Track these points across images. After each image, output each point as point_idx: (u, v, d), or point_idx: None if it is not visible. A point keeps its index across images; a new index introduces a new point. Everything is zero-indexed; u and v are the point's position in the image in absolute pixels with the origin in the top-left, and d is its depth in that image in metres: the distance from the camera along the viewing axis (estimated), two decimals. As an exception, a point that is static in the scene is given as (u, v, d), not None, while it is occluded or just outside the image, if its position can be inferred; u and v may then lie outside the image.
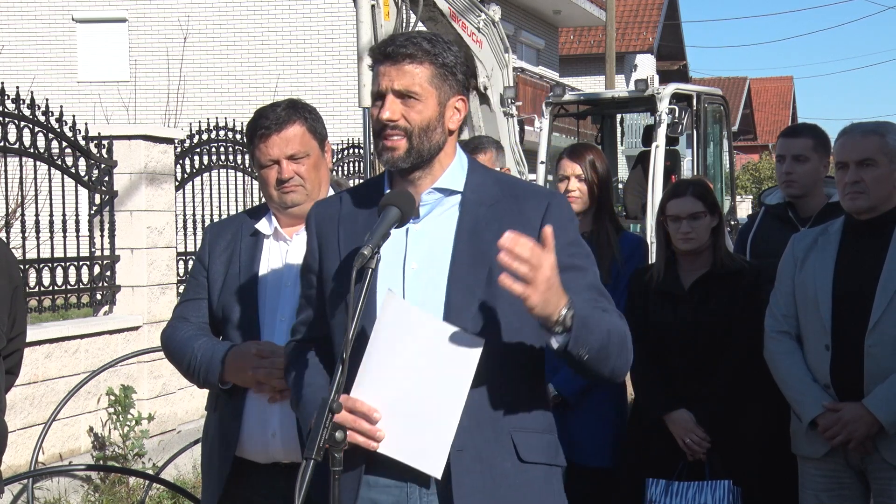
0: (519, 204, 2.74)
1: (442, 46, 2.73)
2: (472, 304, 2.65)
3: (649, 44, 36.23)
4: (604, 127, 14.71)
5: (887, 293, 3.78)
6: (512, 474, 2.68)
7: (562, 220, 2.72)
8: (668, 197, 4.41)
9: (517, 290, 2.42)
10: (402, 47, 2.69)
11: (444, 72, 2.71)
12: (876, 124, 3.94)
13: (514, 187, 2.80)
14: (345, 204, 2.83)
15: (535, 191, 2.82)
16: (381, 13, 8.86)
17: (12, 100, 6.96)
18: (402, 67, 2.68)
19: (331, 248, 2.80)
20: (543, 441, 2.76)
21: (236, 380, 3.26)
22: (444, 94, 2.72)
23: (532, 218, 2.71)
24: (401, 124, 2.68)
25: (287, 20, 22.77)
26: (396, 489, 2.68)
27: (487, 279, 2.65)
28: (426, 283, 2.68)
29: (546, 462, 2.76)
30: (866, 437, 3.77)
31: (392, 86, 2.68)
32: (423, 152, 2.70)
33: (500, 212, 2.72)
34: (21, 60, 22.46)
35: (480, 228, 2.70)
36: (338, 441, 2.49)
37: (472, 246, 2.69)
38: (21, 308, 3.52)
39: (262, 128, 3.31)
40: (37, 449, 6.67)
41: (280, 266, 3.34)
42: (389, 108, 2.68)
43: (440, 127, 2.72)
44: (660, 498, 4.16)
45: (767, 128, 53.10)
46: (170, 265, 8.19)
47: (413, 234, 2.74)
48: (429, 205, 2.76)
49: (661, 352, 4.25)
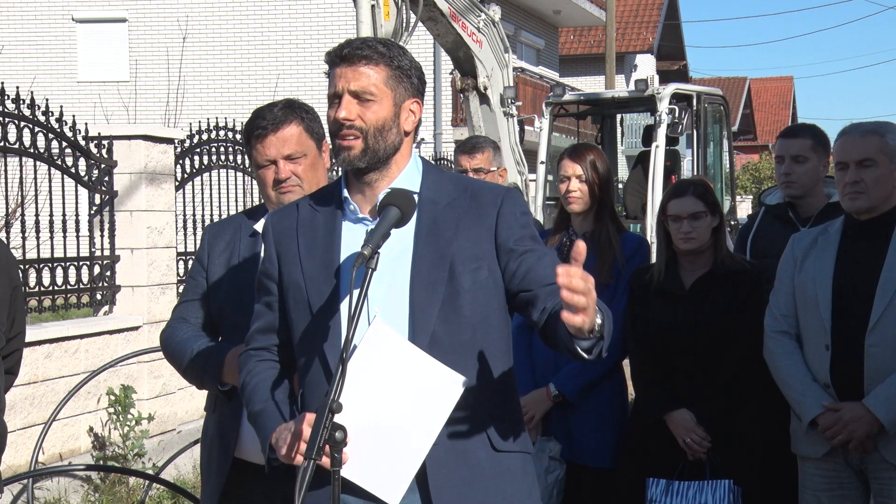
0: (475, 201, 2.79)
1: (397, 50, 2.78)
2: (435, 301, 2.69)
3: (649, 44, 36.22)
4: (604, 127, 14.70)
5: (887, 293, 3.77)
6: (487, 464, 2.71)
7: (516, 214, 2.79)
8: (668, 197, 4.41)
9: (577, 322, 2.41)
10: (357, 49, 2.74)
11: (400, 74, 2.76)
12: (876, 124, 3.94)
13: (469, 185, 2.86)
14: (302, 211, 2.86)
15: (489, 188, 2.88)
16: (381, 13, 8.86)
17: (12, 100, 6.96)
18: (358, 69, 2.73)
19: (290, 256, 2.82)
20: (515, 429, 2.80)
21: (235, 381, 3.25)
22: (400, 95, 2.76)
23: (489, 210, 2.77)
24: (356, 124, 2.72)
25: (287, 20, 22.77)
26: None
27: (449, 276, 2.70)
28: (389, 282, 2.71)
29: (519, 450, 2.80)
30: (867, 436, 3.77)
31: (348, 86, 2.73)
32: (378, 152, 2.74)
33: (456, 209, 2.77)
34: (21, 60, 22.47)
35: (439, 227, 2.75)
36: (338, 441, 2.49)
37: (432, 244, 2.73)
38: (20, 308, 3.52)
39: (258, 128, 3.31)
40: (37, 449, 6.67)
41: (279, 266, 3.33)
42: (346, 107, 2.72)
43: (395, 128, 2.76)
44: (660, 498, 4.16)
45: (767, 128, 53.09)
46: (170, 265, 8.19)
47: None
48: None
49: (661, 351, 4.25)
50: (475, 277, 2.72)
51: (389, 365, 2.61)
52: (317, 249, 2.77)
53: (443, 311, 2.69)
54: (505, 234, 2.76)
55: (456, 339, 2.68)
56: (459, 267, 2.71)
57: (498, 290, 2.76)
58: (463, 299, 2.71)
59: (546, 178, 13.26)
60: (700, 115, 13.40)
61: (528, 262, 2.73)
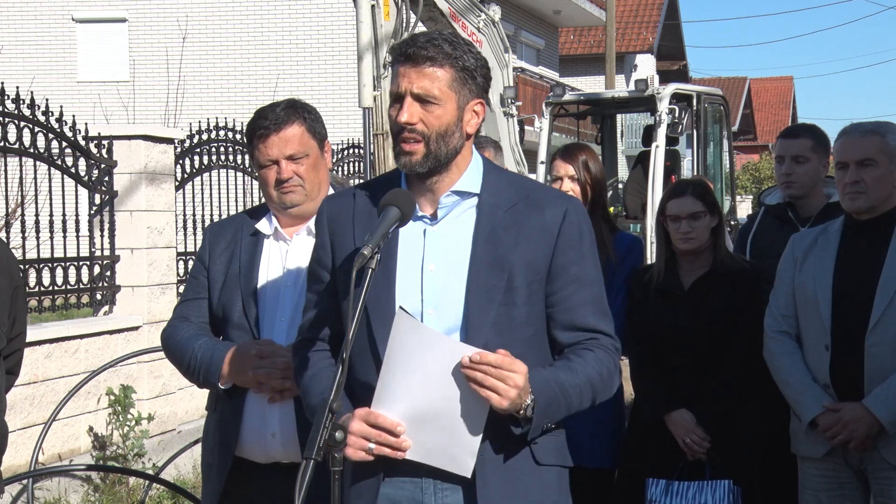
0: (537, 209, 2.72)
1: (463, 49, 2.69)
2: (490, 309, 2.64)
3: (649, 44, 36.23)
4: (604, 127, 14.71)
5: (887, 293, 3.77)
6: (529, 478, 2.70)
7: (582, 227, 2.74)
8: (667, 197, 4.41)
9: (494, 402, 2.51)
10: (423, 49, 2.65)
11: (465, 75, 2.68)
12: (876, 124, 3.94)
13: (531, 191, 2.78)
14: (359, 200, 2.80)
15: (552, 196, 2.80)
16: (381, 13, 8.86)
17: (12, 100, 6.96)
18: (423, 70, 2.65)
19: (345, 245, 2.77)
20: (557, 443, 2.79)
21: (236, 380, 3.26)
22: (464, 97, 2.69)
23: (550, 224, 2.71)
24: (418, 128, 2.66)
25: (287, 20, 22.77)
26: (411, 484, 2.69)
27: (507, 286, 2.65)
28: (444, 285, 2.67)
29: (559, 464, 2.79)
30: (867, 437, 3.76)
31: (411, 88, 2.65)
32: (440, 157, 2.68)
33: (517, 216, 2.71)
34: (21, 60, 22.46)
35: (498, 233, 2.69)
36: (338, 441, 2.49)
37: (490, 250, 2.68)
38: (21, 308, 3.52)
39: (261, 128, 3.31)
40: (37, 449, 6.67)
41: (280, 266, 3.34)
42: (408, 111, 2.65)
43: (458, 131, 2.70)
44: (660, 498, 4.16)
45: (767, 128, 53.09)
46: (170, 265, 8.19)
47: (431, 236, 2.72)
48: (446, 207, 2.74)
49: (660, 352, 4.25)
50: (531, 291, 2.69)
51: (422, 355, 2.56)
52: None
53: (497, 322, 2.65)
54: (562, 252, 2.71)
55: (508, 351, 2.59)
56: (518, 278, 2.66)
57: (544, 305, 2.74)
58: (518, 311, 2.67)
59: (546, 178, 13.26)
60: (700, 115, 13.41)
61: (566, 292, 2.71)
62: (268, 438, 3.25)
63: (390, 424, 2.59)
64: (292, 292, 3.28)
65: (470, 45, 2.74)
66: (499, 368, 2.50)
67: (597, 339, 2.74)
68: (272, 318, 3.29)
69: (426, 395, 2.59)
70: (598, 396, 2.75)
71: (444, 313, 2.66)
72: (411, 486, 2.69)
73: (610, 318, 2.81)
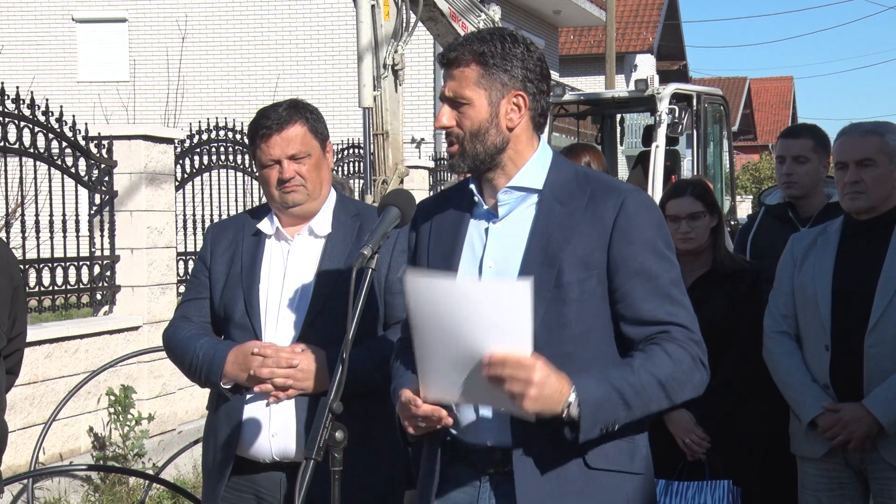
0: (593, 201, 2.68)
1: (493, 45, 2.67)
2: (540, 304, 2.57)
3: (649, 44, 36.21)
4: (604, 127, 14.71)
5: (887, 293, 3.77)
6: (578, 480, 2.63)
7: (638, 218, 2.67)
8: (667, 197, 4.41)
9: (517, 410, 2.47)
10: (451, 52, 2.71)
11: (494, 70, 2.67)
12: (875, 124, 3.94)
13: (591, 183, 2.73)
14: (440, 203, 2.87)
15: (612, 186, 2.74)
16: (381, 13, 8.86)
17: (12, 100, 6.97)
18: (453, 73, 2.70)
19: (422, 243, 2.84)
20: (616, 446, 2.66)
21: (238, 379, 3.26)
22: (496, 92, 2.68)
23: (605, 216, 2.66)
24: (453, 131, 2.70)
25: (287, 20, 22.76)
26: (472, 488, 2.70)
27: (556, 282, 2.62)
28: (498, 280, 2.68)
29: (617, 469, 2.67)
30: (866, 437, 3.76)
31: (445, 92, 2.71)
32: (478, 155, 2.70)
33: (572, 209, 2.68)
34: (21, 60, 22.45)
35: (552, 230, 2.67)
36: (338, 441, 2.49)
37: (542, 247, 2.66)
38: (21, 308, 3.53)
39: (263, 128, 3.31)
40: (37, 449, 6.68)
41: (282, 266, 3.34)
42: (442, 114, 2.71)
43: (494, 127, 2.69)
44: (659, 498, 4.16)
45: (767, 128, 53.07)
46: (170, 265, 8.19)
47: (493, 233, 2.73)
48: (507, 204, 2.74)
49: (660, 352, 4.25)
50: (583, 288, 2.63)
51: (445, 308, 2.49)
52: (443, 238, 2.76)
53: (547, 318, 2.60)
54: (618, 245, 2.64)
55: (556, 350, 2.57)
56: (568, 275, 2.62)
57: (605, 302, 2.67)
58: (568, 309, 2.62)
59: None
60: (700, 115, 13.40)
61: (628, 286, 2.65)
62: (269, 438, 3.24)
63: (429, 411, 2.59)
64: (294, 292, 3.28)
65: (505, 39, 2.69)
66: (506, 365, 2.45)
67: (667, 332, 2.65)
68: (274, 318, 3.29)
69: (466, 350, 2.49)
70: (674, 394, 2.63)
71: None
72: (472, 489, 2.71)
73: (687, 309, 2.72)
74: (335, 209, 3.39)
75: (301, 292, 3.27)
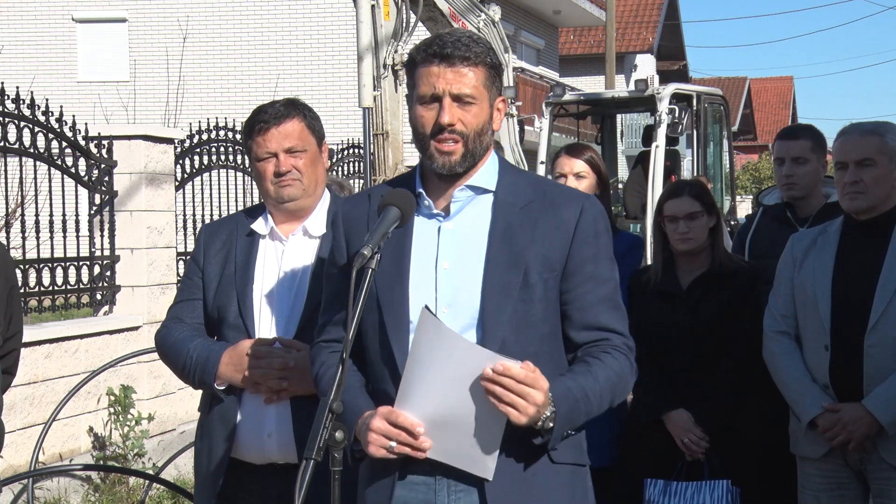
0: (553, 207, 2.73)
1: (487, 47, 2.73)
2: (507, 305, 2.64)
3: (649, 44, 36.22)
4: (604, 127, 14.72)
5: (886, 293, 3.77)
6: (544, 475, 2.69)
7: (597, 224, 2.74)
8: (665, 197, 4.41)
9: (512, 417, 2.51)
10: (457, 49, 2.67)
11: (494, 73, 2.72)
12: (875, 124, 3.94)
13: (548, 189, 2.80)
14: (374, 201, 2.79)
15: (569, 191, 2.83)
16: (381, 13, 8.87)
17: (12, 100, 6.97)
18: (459, 70, 2.67)
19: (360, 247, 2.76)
20: (573, 441, 2.76)
21: (232, 380, 3.26)
22: (493, 95, 2.74)
23: (567, 220, 2.71)
24: (458, 129, 2.68)
25: (287, 20, 22.77)
26: (425, 486, 2.69)
27: (523, 283, 2.65)
28: (459, 284, 2.67)
29: (574, 462, 2.77)
30: (866, 437, 3.76)
31: (450, 89, 2.66)
32: (476, 155, 2.71)
33: (533, 213, 2.71)
34: (21, 60, 22.46)
35: (514, 230, 2.69)
36: (338, 441, 2.49)
37: (506, 248, 2.68)
38: (17, 308, 3.53)
39: (260, 122, 3.30)
40: (37, 449, 6.68)
41: (276, 266, 3.33)
42: (449, 112, 2.66)
43: (489, 129, 2.74)
44: (658, 498, 4.16)
45: (767, 128, 53.05)
46: (170, 265, 8.20)
47: (445, 233, 2.73)
48: (460, 202, 2.74)
49: (659, 352, 4.25)
50: (547, 287, 2.68)
51: (445, 357, 2.55)
52: (388, 242, 2.67)
53: (514, 319, 2.64)
54: (578, 250, 2.71)
55: (525, 349, 2.61)
56: (534, 275, 2.66)
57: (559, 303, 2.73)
58: (535, 308, 2.66)
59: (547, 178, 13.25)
60: (700, 115, 13.41)
61: (581, 290, 2.70)
62: (264, 439, 3.23)
63: (410, 424, 2.58)
64: (288, 292, 3.28)
65: (490, 43, 2.78)
66: (521, 384, 2.49)
67: (609, 340, 2.73)
68: (268, 319, 3.28)
69: (448, 398, 2.57)
70: (615, 399, 2.74)
71: (458, 311, 2.66)
72: (425, 487, 2.69)
73: (624, 316, 2.79)
74: (329, 209, 3.38)
75: (295, 293, 3.26)
